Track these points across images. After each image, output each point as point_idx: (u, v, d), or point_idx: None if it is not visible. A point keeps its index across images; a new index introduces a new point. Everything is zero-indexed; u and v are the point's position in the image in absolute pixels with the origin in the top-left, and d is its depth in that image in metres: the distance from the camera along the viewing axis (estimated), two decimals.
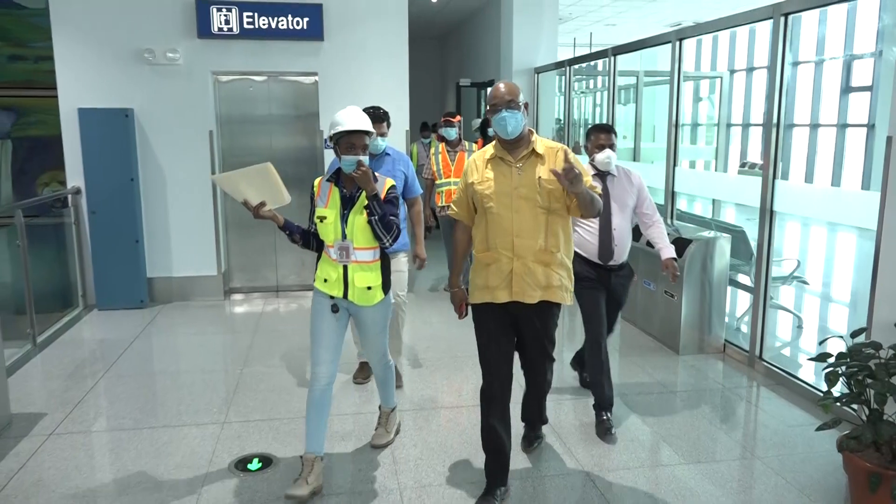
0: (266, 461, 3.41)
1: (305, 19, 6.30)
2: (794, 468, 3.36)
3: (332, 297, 3.10)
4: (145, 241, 6.36)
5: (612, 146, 3.66)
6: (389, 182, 3.13)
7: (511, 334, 3.02)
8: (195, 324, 5.95)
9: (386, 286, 3.18)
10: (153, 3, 6.14)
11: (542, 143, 2.93)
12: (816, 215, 4.97)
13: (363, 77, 6.53)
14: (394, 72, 6.62)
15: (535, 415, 3.47)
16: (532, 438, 3.54)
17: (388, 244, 3.05)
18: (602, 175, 3.69)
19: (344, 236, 3.03)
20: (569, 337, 5.57)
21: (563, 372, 4.60)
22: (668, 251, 3.77)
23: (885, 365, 2.70)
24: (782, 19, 4.29)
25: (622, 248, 3.71)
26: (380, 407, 3.68)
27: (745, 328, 5.25)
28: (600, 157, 3.66)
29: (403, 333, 4.48)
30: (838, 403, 2.81)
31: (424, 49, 13.69)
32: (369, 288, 3.09)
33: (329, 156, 6.50)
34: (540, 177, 2.84)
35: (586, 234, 3.71)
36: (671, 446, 3.61)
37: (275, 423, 3.87)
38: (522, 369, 3.19)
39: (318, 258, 3.17)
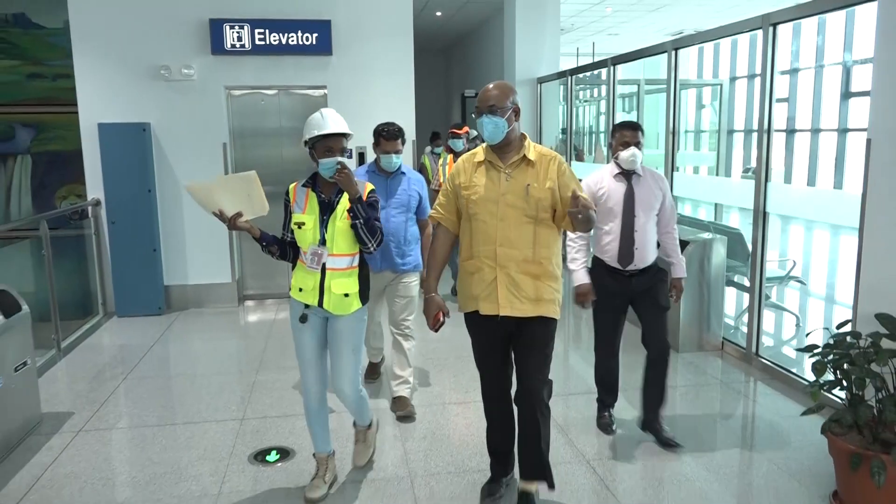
0: (283, 453, 3.61)
1: (315, 35, 6.54)
2: (786, 455, 3.52)
3: (306, 307, 2.99)
4: (162, 249, 6.59)
5: (637, 144, 3.50)
6: (369, 186, 3.04)
7: (503, 344, 2.93)
8: (211, 329, 6.16)
9: (364, 296, 3.05)
10: (169, 22, 6.40)
11: (534, 149, 2.83)
12: (809, 216, 5.13)
13: (370, 90, 6.76)
14: (400, 84, 6.85)
15: (529, 461, 2.94)
16: None
17: (372, 249, 2.96)
18: (626, 174, 3.56)
19: (323, 242, 2.93)
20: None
21: (568, 375, 4.78)
22: (679, 269, 3.68)
23: (864, 353, 2.86)
24: (771, 29, 4.49)
25: (644, 252, 3.54)
26: (354, 424, 3.44)
27: (745, 329, 5.41)
28: (625, 154, 3.50)
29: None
30: (823, 390, 2.98)
31: (430, 61, 13.95)
32: (346, 295, 2.97)
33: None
34: (529, 184, 2.73)
35: (606, 235, 3.57)
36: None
37: (290, 420, 4.06)
38: (516, 402, 2.95)
39: (293, 267, 3.07)
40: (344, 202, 2.93)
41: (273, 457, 3.57)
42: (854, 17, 12.17)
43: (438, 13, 10.68)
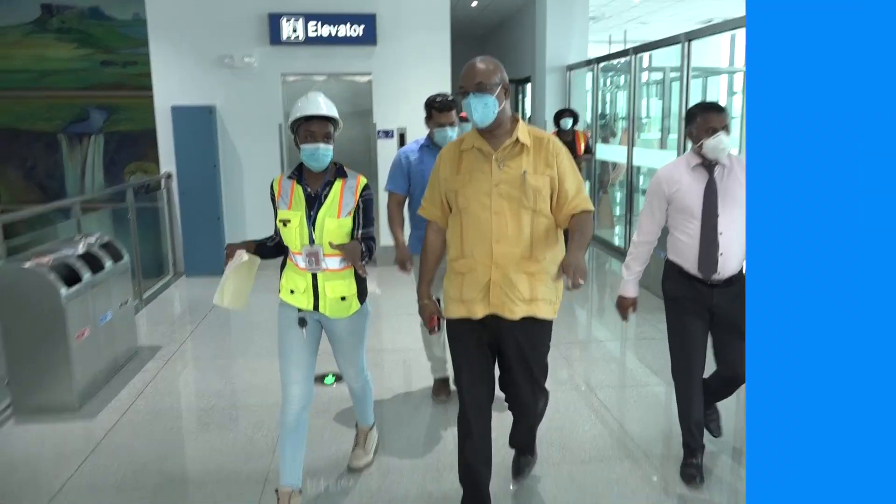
0: (339, 377, 4.36)
1: (361, 27, 7.27)
2: None
3: (299, 310, 2.80)
4: (225, 217, 7.43)
5: (726, 128, 2.87)
6: (363, 181, 2.76)
7: (489, 354, 2.64)
8: (267, 288, 6.86)
9: (362, 295, 2.85)
10: (233, 16, 7.19)
11: (527, 131, 2.52)
12: None
13: (411, 76, 7.46)
14: (438, 71, 7.55)
15: (523, 444, 3.07)
16: (521, 465, 3.08)
17: (367, 262, 2.76)
18: (708, 165, 2.93)
19: (311, 241, 2.68)
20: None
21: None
22: None
23: None
24: None
25: (730, 259, 2.91)
26: (356, 425, 3.33)
27: None
28: (712, 142, 2.86)
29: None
30: None
31: (466, 49, 14.50)
32: (343, 298, 2.76)
33: (383, 148, 7.48)
34: (525, 171, 2.44)
35: (684, 237, 2.99)
36: (661, 375, 4.43)
37: None
38: (507, 401, 2.88)
39: (283, 266, 2.89)
40: (333, 196, 2.71)
41: (330, 380, 4.34)
42: None
43: (474, 3, 11.30)
